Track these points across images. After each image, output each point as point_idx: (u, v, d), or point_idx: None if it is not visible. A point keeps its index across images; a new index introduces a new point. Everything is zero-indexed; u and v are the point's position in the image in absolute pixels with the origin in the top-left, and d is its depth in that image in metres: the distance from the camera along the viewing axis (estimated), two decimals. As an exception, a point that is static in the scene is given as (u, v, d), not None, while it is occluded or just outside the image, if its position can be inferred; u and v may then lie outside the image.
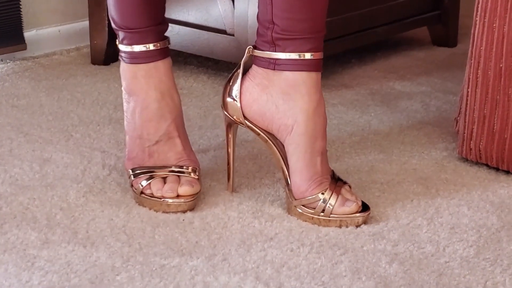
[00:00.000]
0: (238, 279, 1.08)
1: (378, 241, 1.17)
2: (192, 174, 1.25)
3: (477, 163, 1.41)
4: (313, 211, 1.20)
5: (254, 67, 1.23)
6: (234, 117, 1.24)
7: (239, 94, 1.23)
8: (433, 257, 1.14)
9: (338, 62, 1.90)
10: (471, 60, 1.36)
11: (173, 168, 1.25)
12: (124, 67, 1.29)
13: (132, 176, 1.26)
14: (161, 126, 1.27)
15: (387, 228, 1.21)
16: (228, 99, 1.24)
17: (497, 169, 1.39)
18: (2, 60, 1.83)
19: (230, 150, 1.28)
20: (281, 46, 1.19)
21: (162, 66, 1.27)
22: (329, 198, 1.20)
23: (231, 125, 1.26)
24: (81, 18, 1.93)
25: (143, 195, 1.24)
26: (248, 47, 1.22)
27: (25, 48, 1.84)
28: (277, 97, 1.21)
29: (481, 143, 1.38)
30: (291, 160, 1.21)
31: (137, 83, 1.27)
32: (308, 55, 1.19)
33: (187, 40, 1.73)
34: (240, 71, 1.23)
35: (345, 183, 1.24)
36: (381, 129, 1.55)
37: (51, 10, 1.90)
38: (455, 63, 1.90)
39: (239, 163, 1.39)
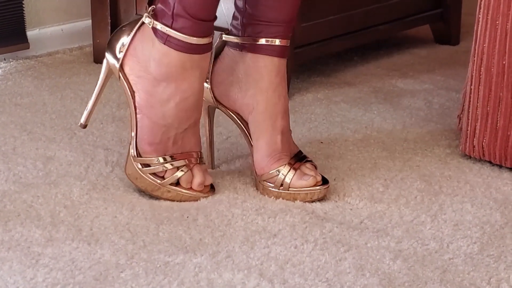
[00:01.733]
0: (242, 276, 1.08)
1: (382, 238, 1.17)
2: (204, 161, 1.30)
3: (480, 160, 1.41)
4: (273, 185, 1.27)
5: (225, 48, 1.30)
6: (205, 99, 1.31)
7: (210, 76, 1.30)
8: (437, 254, 1.14)
9: (340, 60, 1.90)
10: (474, 57, 1.37)
11: (198, 157, 1.28)
12: (165, 52, 1.22)
13: (159, 167, 1.25)
14: (194, 115, 1.26)
15: (391, 225, 1.21)
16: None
17: (500, 166, 1.39)
18: (5, 59, 1.84)
19: (207, 129, 1.36)
20: (250, 30, 1.26)
21: (208, 58, 1.26)
22: (287, 173, 1.26)
23: (206, 106, 1.34)
24: (83, 17, 1.93)
25: (171, 186, 1.26)
26: (220, 34, 1.30)
27: (28, 47, 1.84)
28: (241, 78, 1.28)
29: (484, 140, 1.38)
30: (253, 138, 1.29)
31: (183, 73, 1.23)
32: (277, 41, 1.26)
33: (190, 38, 1.73)
34: (212, 56, 1.30)
35: (308, 161, 1.29)
36: (384, 126, 1.55)
37: (53, 9, 1.90)
38: (457, 60, 1.90)
39: (243, 164, 1.40)
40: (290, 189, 1.26)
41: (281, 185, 1.26)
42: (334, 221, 1.22)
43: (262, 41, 1.26)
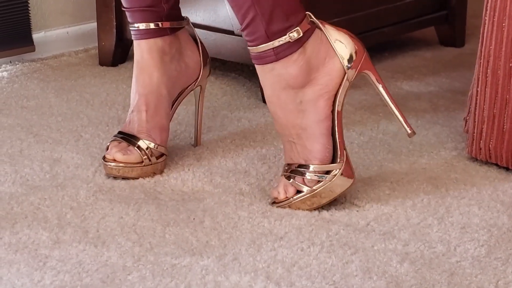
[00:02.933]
0: (249, 279, 1.08)
1: (388, 241, 1.17)
2: (135, 145, 1.34)
3: (486, 162, 1.41)
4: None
5: None
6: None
7: None
8: (444, 257, 1.14)
9: (345, 62, 1.90)
10: (480, 59, 1.36)
11: (122, 135, 1.35)
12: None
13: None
14: (135, 98, 1.36)
15: (397, 228, 1.21)
16: None
17: (507, 169, 1.39)
18: (11, 62, 1.84)
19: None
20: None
21: (144, 45, 1.35)
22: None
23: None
24: (89, 19, 1.93)
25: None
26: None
27: (33, 50, 1.84)
28: None
29: (491, 142, 1.38)
30: None
31: (141, 54, 1.37)
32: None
33: (196, 41, 1.73)
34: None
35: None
36: (389, 128, 1.55)
37: (59, 11, 1.90)
38: (462, 63, 1.90)
39: (249, 165, 1.40)
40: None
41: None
42: (340, 223, 1.22)
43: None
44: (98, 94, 1.69)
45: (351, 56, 1.26)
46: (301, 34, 1.21)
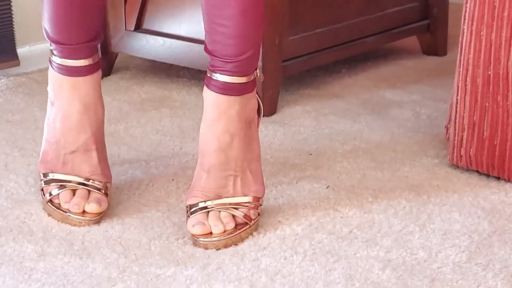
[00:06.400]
0: (233, 287, 1.09)
1: (371, 248, 1.19)
2: (102, 190, 1.26)
3: (467, 169, 1.43)
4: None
5: None
6: None
7: None
8: (425, 263, 1.15)
9: (328, 72, 1.92)
10: (460, 68, 1.38)
11: (84, 181, 1.26)
12: (51, 72, 1.30)
13: (43, 182, 1.27)
14: (80, 138, 1.28)
15: (380, 235, 1.22)
16: None
17: (487, 175, 1.41)
18: (-5, 76, 1.85)
19: None
20: (209, 62, 1.22)
21: (90, 80, 1.28)
22: (187, 213, 1.21)
23: None
24: (73, 33, 1.94)
25: (49, 203, 1.25)
26: None
27: (18, 64, 1.85)
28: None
29: (472, 149, 1.39)
30: None
31: (63, 92, 1.28)
32: (216, 75, 1.20)
33: (179, 53, 1.75)
34: None
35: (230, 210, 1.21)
36: (372, 137, 1.57)
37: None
38: (444, 71, 1.92)
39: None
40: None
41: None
42: (324, 231, 1.23)
43: (208, 73, 1.21)
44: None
45: None
46: None
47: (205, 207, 1.21)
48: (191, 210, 1.21)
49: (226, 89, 1.21)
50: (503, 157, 1.36)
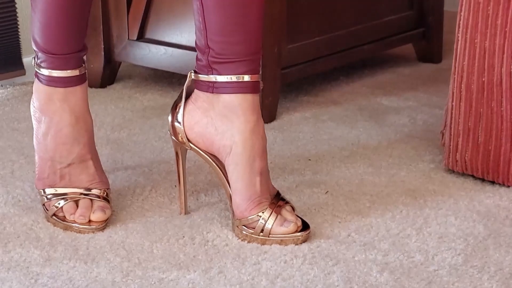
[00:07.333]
0: (235, 291, 1.11)
1: (369, 251, 1.21)
2: (104, 198, 1.28)
3: (463, 174, 1.45)
4: (253, 231, 1.22)
5: (195, 90, 1.25)
6: (179, 139, 1.26)
7: (182, 117, 1.25)
8: (422, 266, 1.18)
9: (326, 79, 1.94)
10: (455, 74, 1.40)
11: (84, 191, 1.27)
12: (39, 87, 1.29)
13: (45, 198, 1.28)
14: (74, 149, 1.28)
15: (377, 238, 1.25)
16: (176, 124, 1.26)
17: (482, 180, 1.43)
18: (2, 86, 1.87)
19: (181, 173, 1.29)
20: (218, 69, 1.21)
21: (79, 91, 1.28)
22: (268, 218, 1.21)
23: (179, 148, 1.28)
24: (75, 42, 1.97)
25: (55, 217, 1.27)
26: (189, 72, 1.25)
27: (24, 74, 1.88)
28: (216, 119, 1.23)
29: (467, 154, 1.41)
30: (231, 180, 1.23)
31: (52, 106, 1.28)
32: (246, 77, 1.21)
33: (181, 62, 1.77)
34: (183, 95, 1.25)
35: (287, 203, 1.25)
36: (369, 143, 1.59)
37: (46, 35, 1.93)
38: (440, 78, 1.94)
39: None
40: (270, 235, 1.21)
41: (262, 231, 1.21)
42: (322, 235, 1.25)
43: (233, 78, 1.21)
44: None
45: None
46: None
47: (278, 205, 1.23)
48: (267, 216, 1.21)
49: (256, 88, 1.22)
50: (497, 162, 1.39)
